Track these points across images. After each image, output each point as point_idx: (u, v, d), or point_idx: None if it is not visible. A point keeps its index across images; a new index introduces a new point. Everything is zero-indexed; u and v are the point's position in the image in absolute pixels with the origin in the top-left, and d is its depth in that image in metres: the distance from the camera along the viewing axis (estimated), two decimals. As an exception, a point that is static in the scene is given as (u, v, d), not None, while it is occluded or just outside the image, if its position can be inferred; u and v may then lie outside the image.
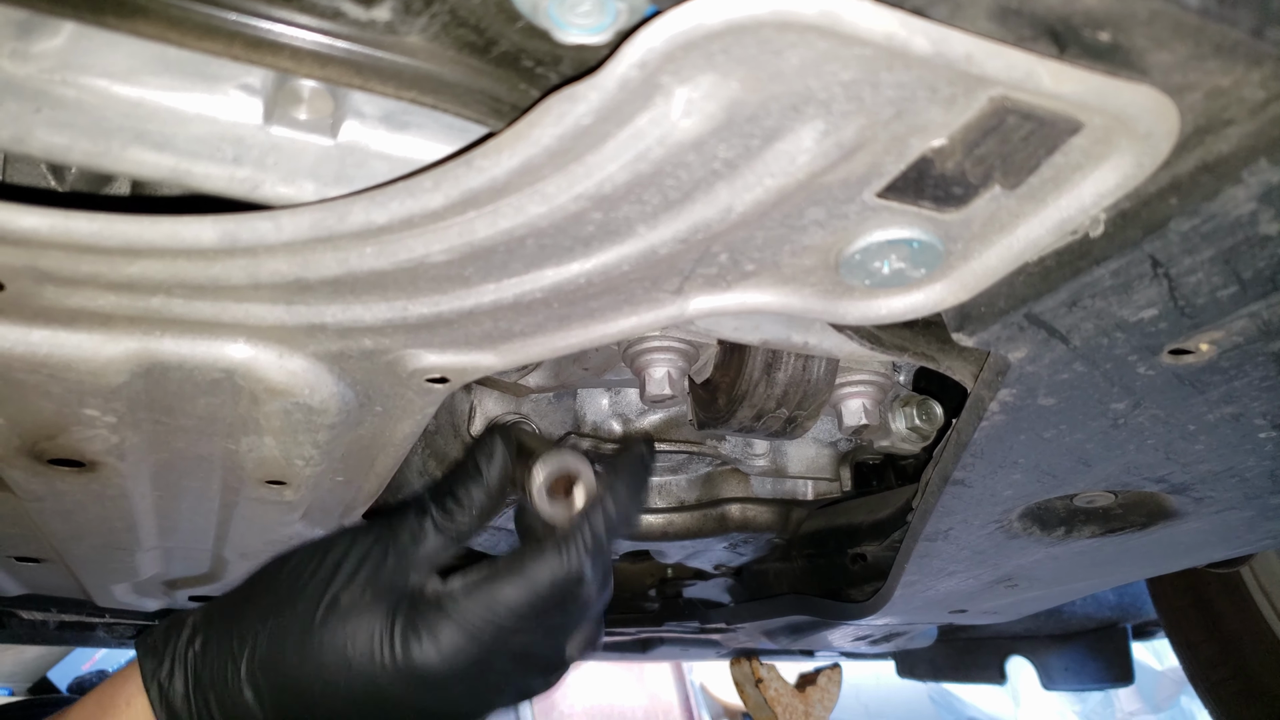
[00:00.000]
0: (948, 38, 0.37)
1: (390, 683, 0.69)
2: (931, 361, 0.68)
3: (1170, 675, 4.24)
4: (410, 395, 0.67)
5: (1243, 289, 0.49)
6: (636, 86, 0.39)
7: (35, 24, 0.47)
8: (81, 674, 3.64)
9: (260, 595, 0.74)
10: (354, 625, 0.70)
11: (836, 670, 2.63)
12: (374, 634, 0.69)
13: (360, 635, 0.69)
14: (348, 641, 0.69)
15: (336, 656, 0.69)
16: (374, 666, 0.69)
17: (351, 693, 0.70)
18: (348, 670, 0.69)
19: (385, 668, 0.69)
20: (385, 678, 0.69)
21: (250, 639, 0.71)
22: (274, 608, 0.72)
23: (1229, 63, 0.38)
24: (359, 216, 0.47)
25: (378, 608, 0.70)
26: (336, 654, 0.69)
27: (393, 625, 0.69)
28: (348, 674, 0.70)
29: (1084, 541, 0.93)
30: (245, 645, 0.71)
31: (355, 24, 0.45)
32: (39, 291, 0.52)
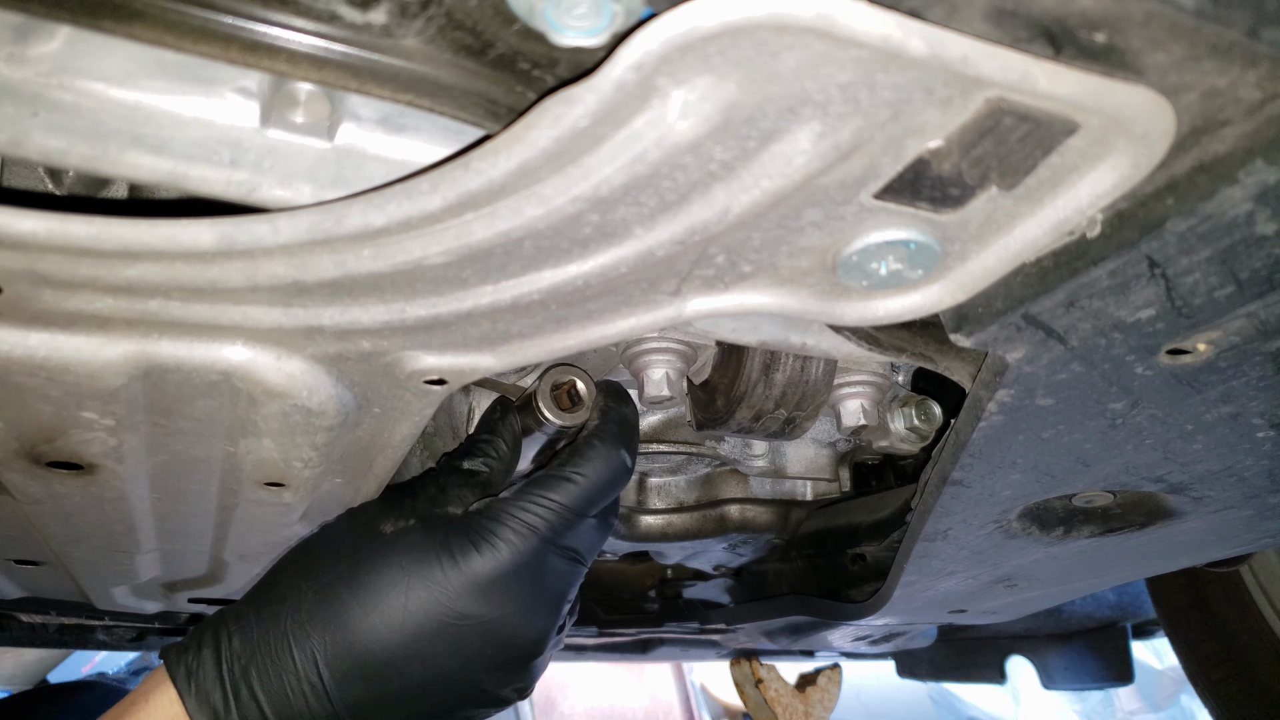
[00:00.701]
0: (944, 39, 0.37)
1: (455, 600, 0.67)
2: (929, 362, 0.68)
3: (1170, 674, 4.24)
4: (408, 397, 0.67)
5: (1240, 289, 0.49)
6: (633, 89, 0.39)
7: (31, 28, 0.47)
8: (81, 676, 3.64)
9: (295, 563, 0.73)
10: (405, 552, 0.68)
11: (836, 670, 2.63)
12: (429, 552, 0.68)
13: (414, 557, 0.68)
14: (402, 568, 0.67)
15: (394, 588, 0.67)
16: (435, 588, 0.67)
17: (417, 625, 0.67)
18: (407, 600, 0.67)
19: (448, 586, 0.67)
20: (450, 597, 0.67)
21: (294, 598, 0.69)
22: (314, 566, 0.71)
23: (1225, 63, 0.38)
24: (356, 219, 0.47)
25: (429, 531, 0.69)
26: (393, 585, 0.67)
27: (448, 540, 0.68)
28: (408, 604, 0.67)
29: (1083, 541, 0.93)
30: (288, 607, 0.68)
31: (351, 27, 0.45)
32: (37, 295, 0.52)
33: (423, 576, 0.67)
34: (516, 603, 0.71)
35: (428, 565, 0.68)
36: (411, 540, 0.69)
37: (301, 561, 0.75)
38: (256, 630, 0.69)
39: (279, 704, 0.67)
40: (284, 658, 0.67)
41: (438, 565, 0.68)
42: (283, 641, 0.68)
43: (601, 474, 0.75)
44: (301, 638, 0.68)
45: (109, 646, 2.03)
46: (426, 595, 0.67)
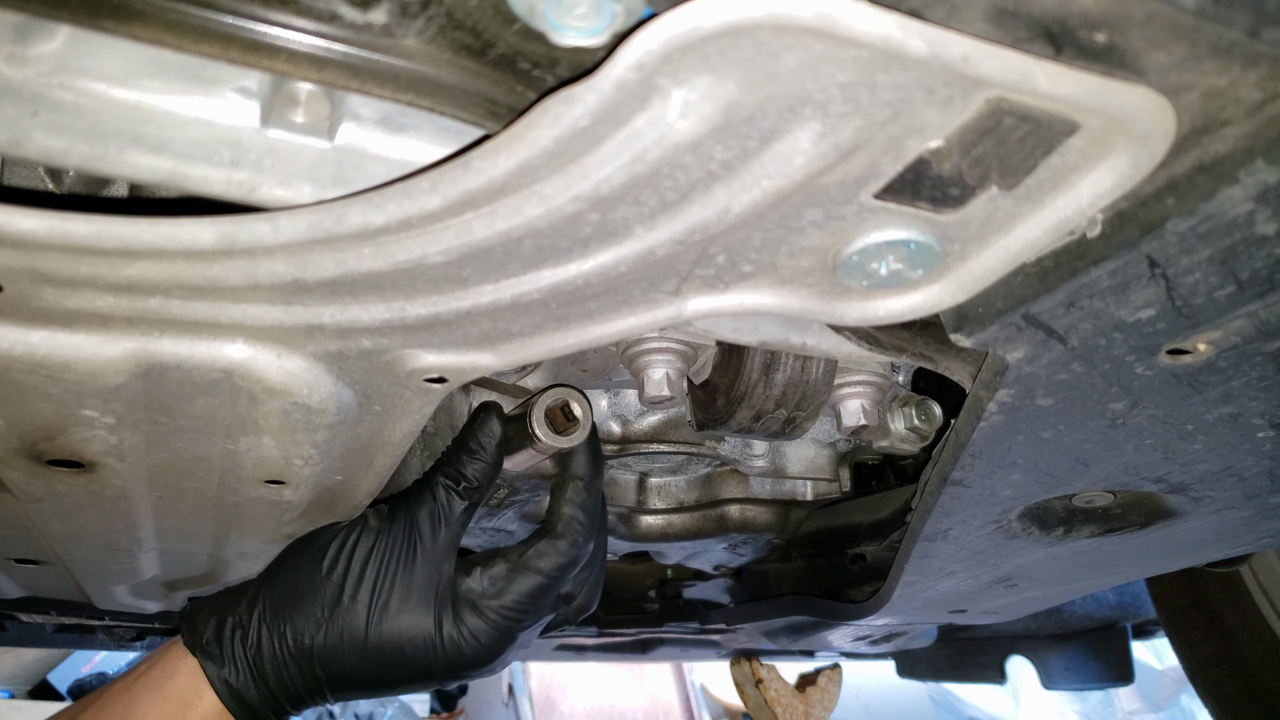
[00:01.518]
0: (944, 39, 0.37)
1: (439, 669, 0.84)
2: (929, 362, 0.68)
3: (1170, 674, 4.24)
4: (408, 395, 0.67)
5: (1240, 289, 0.49)
6: (633, 89, 0.39)
7: (32, 28, 0.47)
8: (81, 676, 3.64)
9: (303, 594, 0.83)
10: (405, 629, 0.82)
11: (836, 670, 2.63)
12: (424, 636, 0.82)
13: (410, 636, 0.82)
14: (402, 644, 0.82)
15: (393, 653, 0.82)
16: (425, 659, 0.82)
17: (404, 674, 0.84)
18: (402, 661, 0.83)
19: (435, 660, 0.83)
20: (436, 667, 0.83)
21: (307, 638, 0.81)
22: (322, 608, 0.82)
23: (1225, 63, 0.38)
24: (356, 218, 0.47)
25: (423, 611, 0.82)
26: (393, 651, 0.82)
27: (439, 626, 0.82)
28: (401, 663, 0.83)
29: (1083, 541, 0.93)
30: (301, 646, 0.81)
31: (352, 27, 0.45)
32: (37, 293, 0.52)
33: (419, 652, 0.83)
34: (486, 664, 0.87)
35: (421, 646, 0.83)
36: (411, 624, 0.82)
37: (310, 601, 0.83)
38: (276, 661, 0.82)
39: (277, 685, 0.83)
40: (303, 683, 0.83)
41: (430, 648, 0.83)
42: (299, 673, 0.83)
43: (567, 567, 0.86)
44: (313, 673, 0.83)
45: (109, 646, 2.03)
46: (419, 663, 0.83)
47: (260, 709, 0.82)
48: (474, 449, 0.85)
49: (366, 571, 0.82)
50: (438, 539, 0.84)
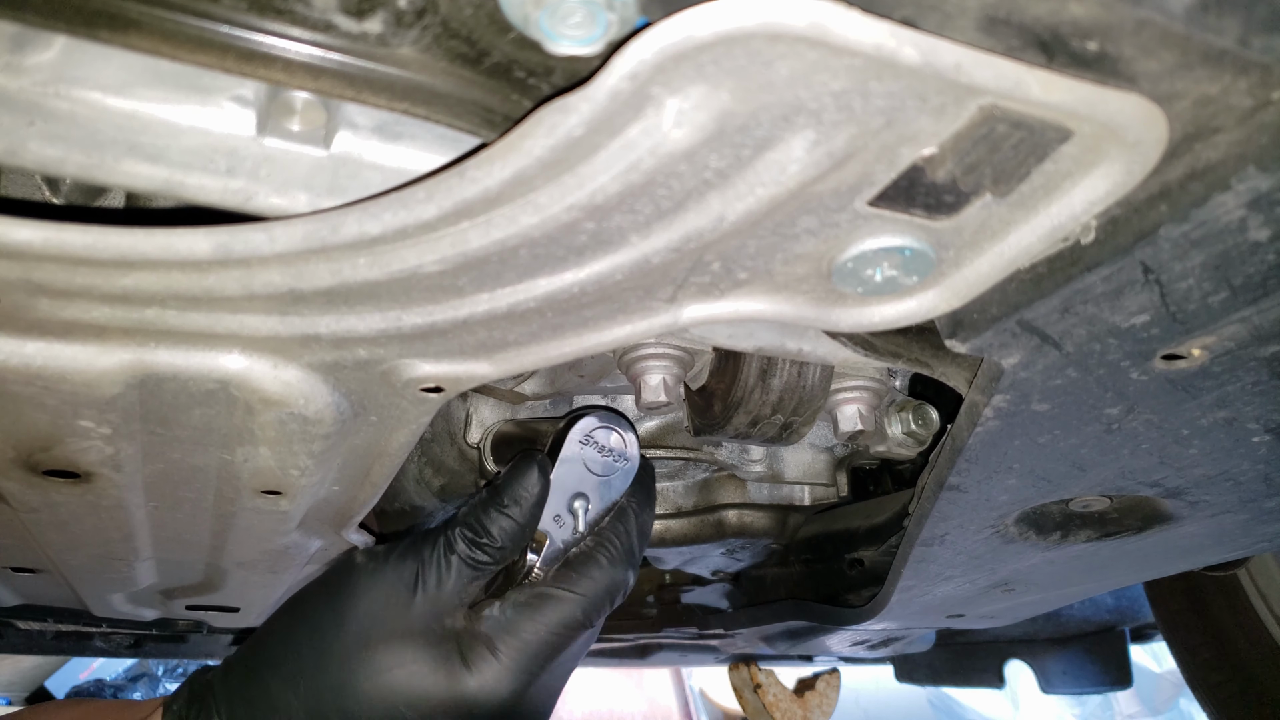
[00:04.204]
0: (937, 48, 0.37)
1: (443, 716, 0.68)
2: (925, 368, 0.68)
3: (1169, 678, 4.25)
4: (405, 405, 0.67)
5: (1233, 294, 0.49)
6: (627, 97, 0.39)
7: (27, 38, 0.47)
8: (79, 683, 3.64)
9: (286, 656, 0.72)
10: (400, 684, 0.68)
11: (835, 675, 2.62)
12: (422, 689, 0.68)
13: (407, 677, 0.68)
14: (395, 686, 0.68)
15: (384, 706, 0.68)
16: (426, 708, 0.68)
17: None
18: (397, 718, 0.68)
19: (438, 707, 0.68)
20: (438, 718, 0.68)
21: (285, 711, 0.69)
22: (304, 670, 0.70)
23: (1216, 71, 0.38)
24: (352, 227, 0.47)
25: (423, 660, 0.69)
26: (385, 704, 0.68)
27: (439, 662, 0.69)
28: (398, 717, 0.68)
29: (1080, 546, 0.93)
30: (280, 713, 0.69)
31: (347, 36, 0.45)
32: (33, 304, 0.52)
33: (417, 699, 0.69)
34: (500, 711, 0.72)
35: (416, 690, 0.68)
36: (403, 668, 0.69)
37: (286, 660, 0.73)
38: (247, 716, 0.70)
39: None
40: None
41: (428, 689, 0.69)
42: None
43: (601, 595, 0.75)
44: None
45: (106, 653, 2.03)
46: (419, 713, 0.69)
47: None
48: (506, 504, 0.74)
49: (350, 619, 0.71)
50: (443, 589, 0.73)
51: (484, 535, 0.74)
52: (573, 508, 0.82)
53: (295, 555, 1.03)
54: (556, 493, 0.82)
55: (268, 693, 0.71)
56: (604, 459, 0.83)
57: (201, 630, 1.74)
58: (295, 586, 1.26)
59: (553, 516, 0.81)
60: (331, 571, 0.77)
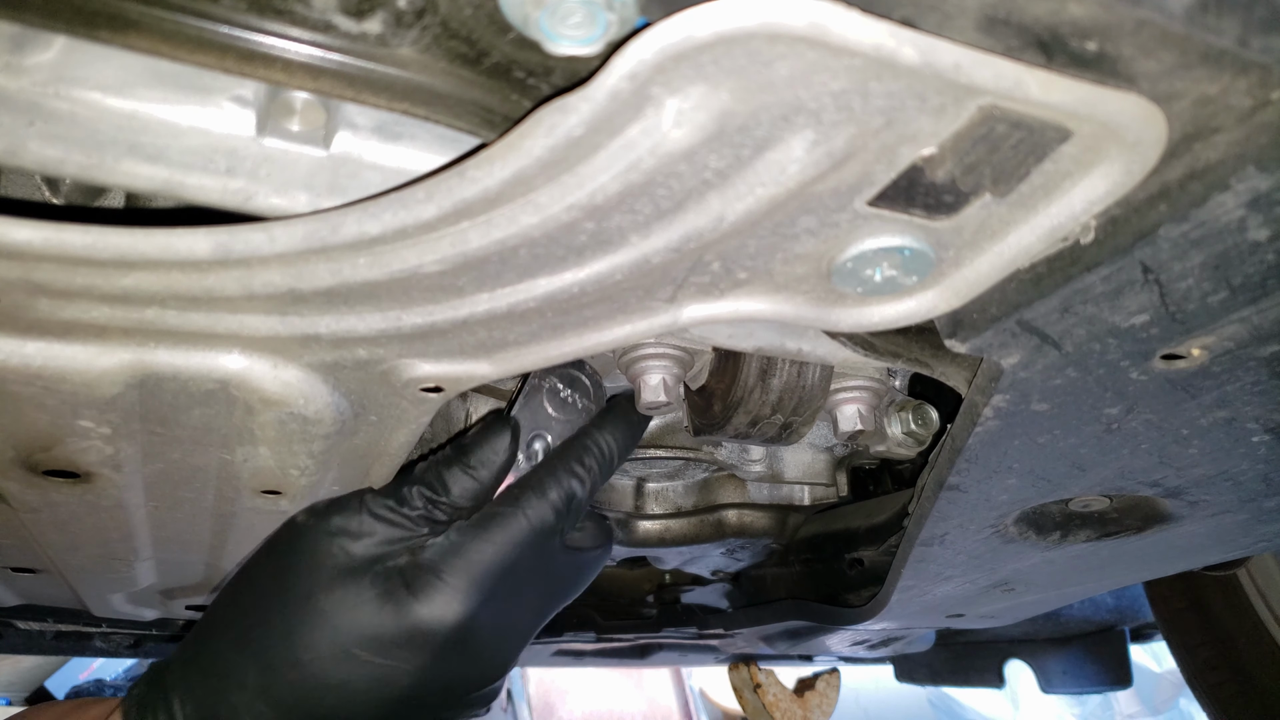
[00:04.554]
0: (936, 48, 0.37)
1: (400, 659, 0.67)
2: (925, 368, 0.68)
3: (1169, 678, 4.25)
4: (405, 405, 0.67)
5: (1233, 294, 0.49)
6: (627, 97, 0.39)
7: (27, 38, 0.47)
8: (78, 683, 3.63)
9: (233, 619, 0.71)
10: (343, 610, 0.67)
11: (835, 675, 2.62)
12: (368, 610, 0.66)
13: (352, 616, 0.66)
14: (341, 627, 0.66)
15: (338, 659, 0.66)
16: (378, 644, 0.66)
17: (366, 686, 0.67)
18: (351, 660, 0.66)
19: (396, 648, 0.66)
20: (399, 658, 0.66)
21: (238, 675, 0.67)
22: (251, 629, 0.69)
23: (1215, 71, 0.38)
24: (352, 227, 0.47)
25: (363, 592, 0.67)
26: (337, 657, 0.66)
27: (387, 600, 0.67)
28: (353, 665, 0.66)
29: (1080, 546, 0.93)
30: (234, 684, 0.68)
31: (347, 37, 0.45)
32: (33, 304, 0.52)
33: (368, 636, 0.66)
34: (471, 654, 0.70)
35: (367, 624, 0.66)
36: (349, 603, 0.67)
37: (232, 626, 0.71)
38: (206, 701, 0.69)
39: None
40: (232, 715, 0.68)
41: (379, 622, 0.66)
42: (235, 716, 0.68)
43: (545, 507, 0.72)
44: (255, 714, 0.67)
45: (106, 653, 2.03)
46: (376, 673, 0.67)
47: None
48: (472, 465, 0.73)
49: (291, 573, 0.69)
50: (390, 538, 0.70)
51: (443, 494, 0.72)
52: (531, 449, 0.80)
53: (295, 555, 1.03)
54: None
55: (219, 658, 0.70)
56: (564, 398, 0.81)
57: (201, 630, 1.74)
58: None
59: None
60: (274, 533, 0.76)
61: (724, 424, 0.86)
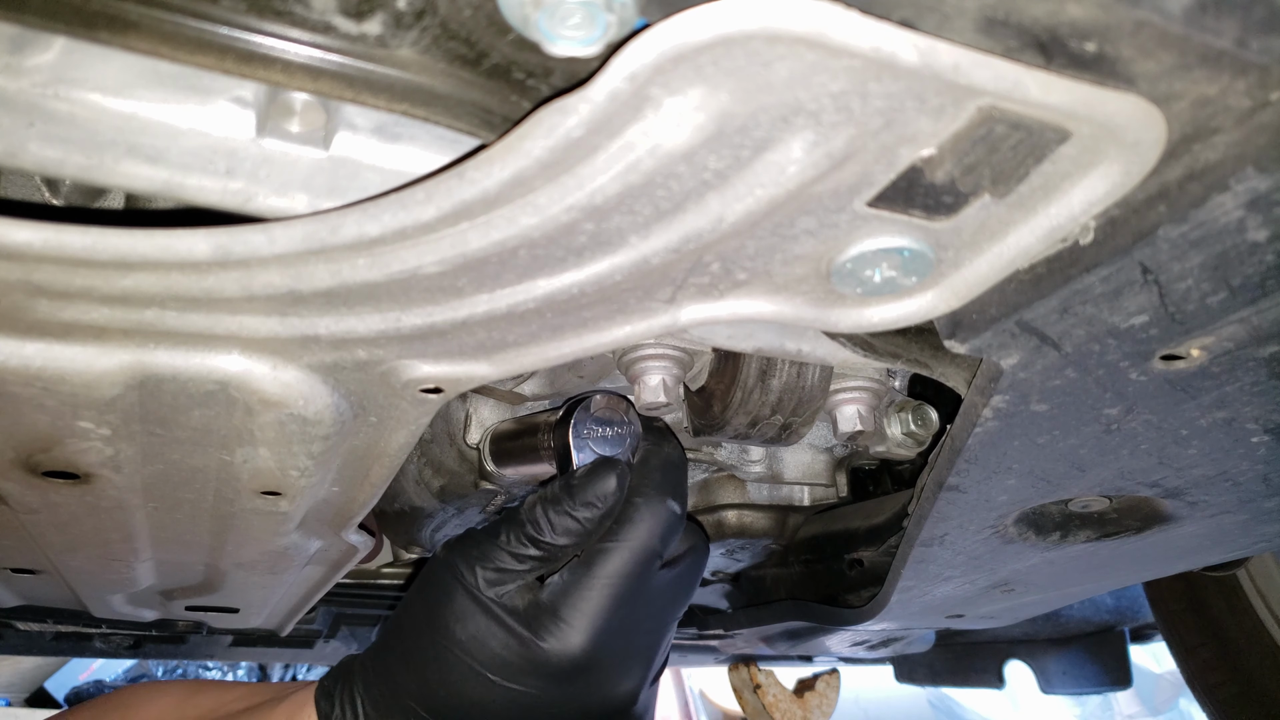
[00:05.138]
0: (935, 49, 0.37)
1: (530, 685, 0.75)
2: (924, 368, 0.68)
3: (1168, 678, 4.25)
4: (404, 406, 0.67)
5: (1232, 295, 0.49)
6: (626, 98, 0.39)
7: (27, 39, 0.47)
8: (78, 684, 3.63)
9: (400, 637, 0.81)
10: (475, 643, 0.76)
11: (835, 675, 2.62)
12: (496, 644, 0.75)
13: (483, 647, 0.75)
14: (476, 655, 0.75)
15: (476, 681, 0.75)
16: (509, 671, 0.75)
17: (502, 705, 0.76)
18: (492, 689, 0.75)
19: (523, 675, 0.75)
20: (527, 684, 0.75)
21: (404, 685, 0.78)
22: (411, 649, 0.79)
23: (1214, 72, 0.38)
24: (351, 228, 0.47)
25: (491, 628, 0.76)
26: (475, 679, 0.75)
27: (511, 636, 0.75)
28: (489, 686, 0.75)
29: (1079, 546, 0.93)
30: (402, 690, 0.78)
31: (346, 38, 0.45)
32: (32, 305, 0.52)
33: (501, 668, 0.75)
34: (594, 680, 0.77)
35: (499, 658, 0.75)
36: (484, 640, 0.76)
37: (399, 644, 0.81)
38: (382, 701, 0.80)
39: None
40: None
41: (508, 657, 0.75)
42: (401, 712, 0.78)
43: (644, 534, 0.78)
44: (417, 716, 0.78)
45: (106, 654, 2.03)
46: (509, 695, 0.76)
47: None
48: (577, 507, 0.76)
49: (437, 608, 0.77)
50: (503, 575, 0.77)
51: (549, 534, 0.77)
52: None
53: (294, 556, 1.03)
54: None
55: (391, 668, 0.80)
56: (611, 436, 0.85)
57: (201, 631, 1.74)
58: (294, 586, 1.26)
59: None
60: (426, 564, 0.84)
61: (724, 424, 0.86)
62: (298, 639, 2.06)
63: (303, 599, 1.38)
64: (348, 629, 2.08)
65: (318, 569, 1.16)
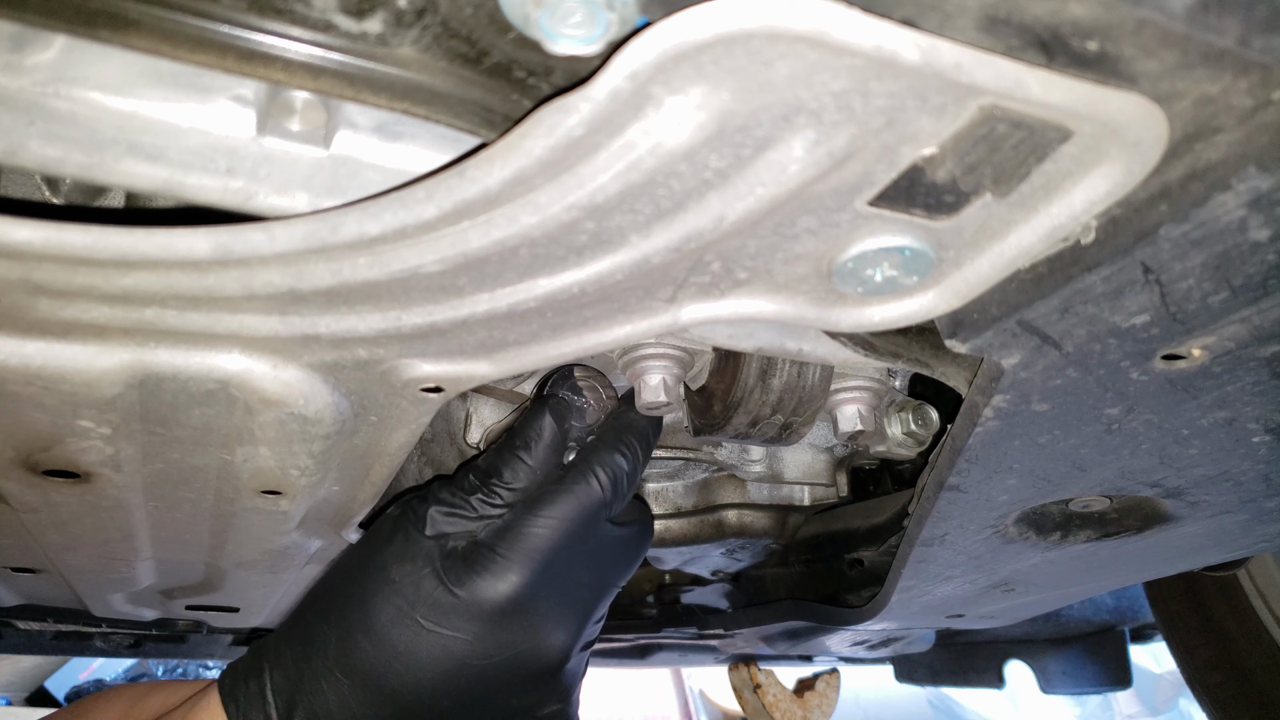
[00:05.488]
0: (937, 47, 0.37)
1: (468, 640, 0.72)
2: (925, 368, 0.68)
3: (1168, 678, 4.25)
4: (405, 405, 0.67)
5: (1233, 294, 0.49)
6: (627, 97, 0.39)
7: (28, 37, 0.47)
8: (79, 683, 3.63)
9: (320, 594, 0.79)
10: (409, 580, 0.73)
11: (835, 675, 2.62)
12: (430, 582, 0.72)
13: (416, 585, 0.72)
14: (407, 595, 0.72)
15: (404, 626, 0.72)
16: (444, 619, 0.72)
17: (436, 665, 0.72)
18: (420, 634, 0.72)
19: (455, 616, 0.72)
20: (458, 627, 0.72)
21: (320, 640, 0.75)
22: (333, 602, 0.76)
23: (1216, 71, 0.38)
24: (352, 227, 0.47)
25: (427, 567, 0.73)
26: (404, 623, 0.72)
27: (447, 573, 0.72)
28: (418, 631, 0.72)
29: (1080, 546, 0.93)
30: (316, 649, 0.75)
31: (347, 36, 0.45)
32: (33, 304, 0.52)
33: (434, 611, 0.72)
34: (528, 626, 0.75)
35: (432, 600, 0.72)
36: (414, 581, 0.73)
37: (322, 601, 0.79)
38: (293, 668, 0.75)
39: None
40: (321, 696, 0.74)
41: (442, 598, 0.72)
42: (317, 682, 0.74)
43: (591, 484, 0.77)
44: (333, 681, 0.74)
45: (106, 653, 2.03)
46: (439, 641, 0.72)
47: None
48: (518, 446, 0.77)
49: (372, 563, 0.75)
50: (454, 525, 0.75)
51: (495, 476, 0.77)
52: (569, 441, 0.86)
53: (295, 555, 1.03)
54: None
55: (307, 628, 0.77)
56: (585, 408, 0.85)
57: (201, 630, 1.74)
58: (294, 585, 1.26)
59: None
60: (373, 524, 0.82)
61: (724, 424, 0.86)
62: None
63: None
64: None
65: (318, 568, 1.16)
